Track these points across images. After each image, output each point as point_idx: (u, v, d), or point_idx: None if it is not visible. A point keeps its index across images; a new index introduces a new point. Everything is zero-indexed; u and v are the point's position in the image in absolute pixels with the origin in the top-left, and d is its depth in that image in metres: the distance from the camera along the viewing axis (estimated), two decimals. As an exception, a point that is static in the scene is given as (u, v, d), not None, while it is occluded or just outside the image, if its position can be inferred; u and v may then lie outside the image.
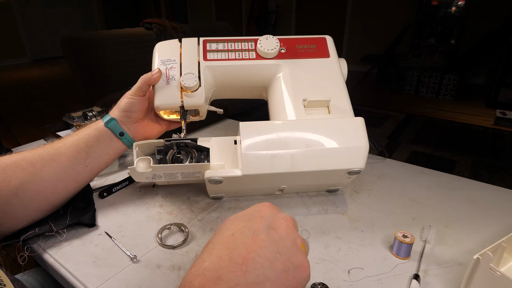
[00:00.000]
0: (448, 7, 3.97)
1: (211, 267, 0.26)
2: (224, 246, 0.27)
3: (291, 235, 0.30)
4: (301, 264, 0.28)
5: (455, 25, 3.95)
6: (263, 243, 0.28)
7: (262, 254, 0.27)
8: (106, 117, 0.54)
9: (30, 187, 0.45)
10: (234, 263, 0.26)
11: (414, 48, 4.19)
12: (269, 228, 0.29)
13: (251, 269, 0.26)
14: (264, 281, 0.26)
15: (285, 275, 0.27)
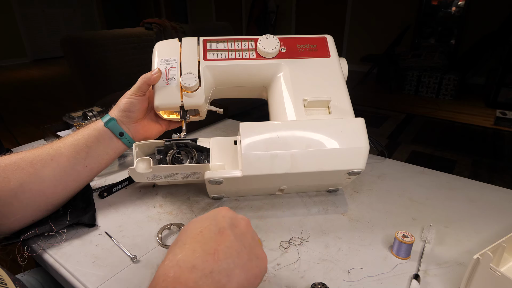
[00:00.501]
0: (448, 7, 3.97)
1: (185, 259, 0.28)
2: (195, 240, 0.30)
3: (250, 232, 0.34)
4: (260, 255, 0.33)
5: (455, 25, 3.95)
6: (229, 237, 0.31)
7: (230, 246, 0.31)
8: (106, 117, 0.54)
9: (30, 187, 0.45)
10: (207, 253, 0.29)
11: (414, 48, 4.19)
12: (232, 226, 0.33)
13: (222, 258, 0.29)
14: (234, 268, 0.29)
15: (250, 264, 0.31)
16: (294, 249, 0.48)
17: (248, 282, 0.30)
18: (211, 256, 0.29)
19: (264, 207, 0.58)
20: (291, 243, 0.50)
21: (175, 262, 0.28)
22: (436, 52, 3.90)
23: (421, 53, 3.97)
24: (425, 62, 3.85)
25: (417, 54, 3.96)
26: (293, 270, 0.45)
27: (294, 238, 0.51)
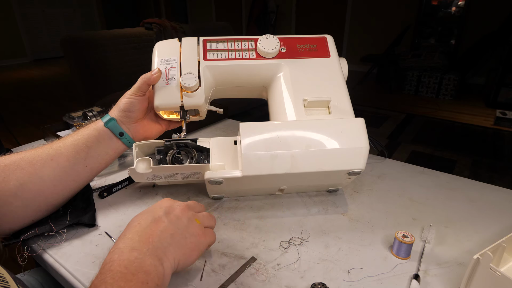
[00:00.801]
0: (448, 7, 3.97)
1: (126, 246, 0.33)
2: (133, 231, 0.36)
3: (186, 214, 0.40)
4: (196, 233, 0.39)
5: (455, 25, 3.95)
6: (164, 224, 0.37)
7: (164, 230, 0.36)
8: (106, 117, 0.54)
9: (29, 187, 0.45)
10: (143, 238, 0.34)
11: (414, 48, 4.19)
12: (167, 213, 0.39)
13: (156, 240, 0.35)
14: (168, 246, 0.35)
15: (184, 241, 0.37)
16: (294, 249, 0.48)
17: (184, 256, 0.37)
18: (146, 240, 0.34)
19: (264, 207, 0.58)
20: (291, 243, 0.50)
21: (117, 250, 0.33)
22: (436, 52, 3.90)
23: (421, 53, 3.97)
24: (425, 62, 3.85)
25: (417, 54, 3.96)
26: (293, 270, 0.45)
27: (294, 238, 0.51)
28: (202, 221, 0.43)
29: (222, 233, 0.52)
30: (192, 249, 0.38)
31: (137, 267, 0.31)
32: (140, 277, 0.30)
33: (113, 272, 0.30)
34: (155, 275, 0.31)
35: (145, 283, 0.30)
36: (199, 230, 0.40)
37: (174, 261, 0.36)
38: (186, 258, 0.38)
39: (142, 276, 0.30)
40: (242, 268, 0.45)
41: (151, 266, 0.32)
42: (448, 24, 3.99)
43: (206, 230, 0.42)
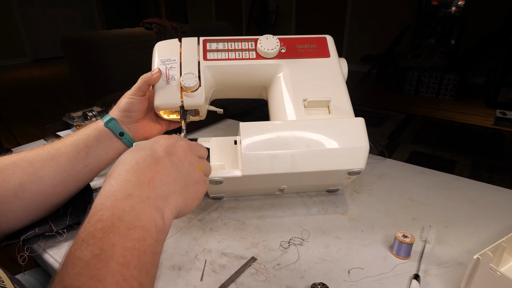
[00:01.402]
0: (448, 7, 3.97)
1: (121, 189, 0.28)
2: (130, 172, 0.30)
3: (188, 158, 0.35)
4: (198, 180, 0.35)
5: (455, 25, 3.95)
6: (165, 166, 0.32)
7: (166, 174, 0.32)
8: (106, 117, 0.54)
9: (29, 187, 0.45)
10: (142, 182, 0.29)
11: (414, 48, 4.19)
12: (169, 154, 0.34)
13: (157, 186, 0.30)
14: (170, 194, 0.31)
15: (187, 189, 0.33)
16: (294, 249, 0.48)
17: (186, 205, 0.33)
18: (146, 184, 0.29)
19: (264, 207, 0.58)
20: (291, 243, 0.50)
21: (111, 193, 0.28)
22: (436, 52, 3.90)
23: (421, 53, 3.97)
24: (425, 62, 3.85)
25: (417, 54, 3.96)
26: (293, 270, 0.45)
27: (294, 238, 0.51)
28: (204, 168, 0.39)
29: (222, 233, 0.52)
30: (193, 198, 0.35)
31: (134, 220, 0.26)
32: (136, 233, 0.26)
33: (104, 223, 0.25)
34: (154, 230, 0.27)
35: (141, 240, 0.26)
36: (200, 178, 0.36)
37: (176, 210, 0.32)
38: (187, 208, 0.34)
39: (139, 232, 0.26)
40: (242, 268, 0.45)
41: (150, 220, 0.27)
42: (448, 24, 3.99)
43: (205, 179, 0.38)
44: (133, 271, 0.24)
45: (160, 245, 0.28)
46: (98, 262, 0.23)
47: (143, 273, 0.25)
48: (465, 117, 3.15)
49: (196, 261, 0.46)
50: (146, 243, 0.26)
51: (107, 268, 0.23)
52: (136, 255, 0.25)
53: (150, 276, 0.26)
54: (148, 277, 0.25)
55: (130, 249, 0.25)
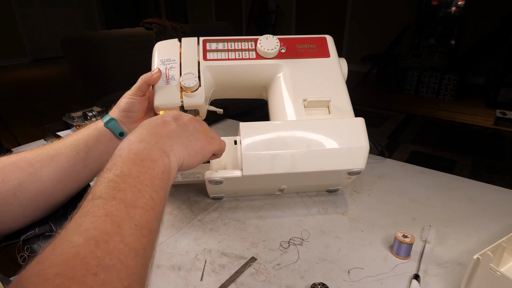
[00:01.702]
0: (448, 7, 3.97)
1: (135, 138, 0.36)
2: (143, 128, 0.38)
3: (193, 124, 0.42)
4: (201, 138, 0.42)
5: (455, 25, 3.95)
6: (171, 126, 0.40)
7: (171, 130, 0.39)
8: (106, 117, 0.54)
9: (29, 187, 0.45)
10: (151, 133, 0.37)
11: (414, 48, 4.19)
12: (175, 119, 0.41)
13: (163, 137, 0.37)
14: (174, 144, 0.38)
15: (189, 143, 0.40)
16: (294, 249, 0.48)
17: (188, 155, 0.39)
18: (154, 135, 0.37)
19: (264, 207, 0.58)
20: (291, 243, 0.50)
21: (128, 140, 0.36)
22: (436, 52, 3.90)
23: (421, 53, 3.97)
24: (425, 62, 3.85)
25: (417, 54, 3.96)
26: (293, 270, 0.45)
27: (294, 238, 0.51)
28: (209, 132, 0.45)
29: (222, 233, 0.52)
30: (197, 151, 0.41)
31: (145, 155, 0.34)
32: (147, 163, 0.33)
33: (122, 157, 0.33)
34: (161, 163, 0.34)
35: (151, 168, 0.33)
36: (204, 138, 0.43)
37: (180, 158, 0.38)
38: (190, 159, 0.40)
39: (149, 163, 0.33)
40: (242, 268, 0.45)
41: (158, 156, 0.34)
42: (448, 24, 3.99)
43: (213, 139, 0.44)
44: (146, 187, 0.31)
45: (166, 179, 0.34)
46: (119, 179, 0.30)
47: (154, 191, 0.31)
48: (465, 117, 3.15)
49: (196, 261, 0.46)
50: (155, 171, 0.33)
51: (126, 183, 0.30)
52: (148, 177, 0.32)
53: (159, 197, 0.32)
54: (158, 196, 0.32)
55: (142, 172, 0.32)
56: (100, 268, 0.23)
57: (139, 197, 0.30)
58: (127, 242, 0.26)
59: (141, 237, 0.28)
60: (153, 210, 0.30)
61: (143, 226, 0.28)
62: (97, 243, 0.24)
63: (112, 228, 0.26)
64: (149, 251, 0.29)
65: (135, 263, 0.26)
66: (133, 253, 0.26)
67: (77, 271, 0.22)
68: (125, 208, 0.28)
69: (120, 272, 0.24)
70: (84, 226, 0.26)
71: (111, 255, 0.24)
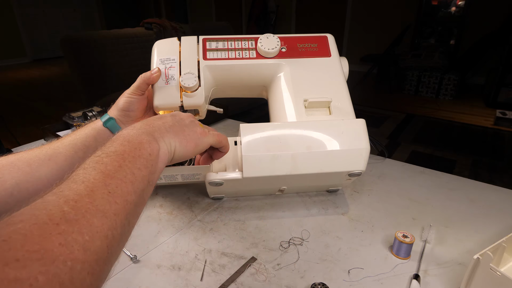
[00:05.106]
0: (448, 7, 3.97)
1: (128, 127, 0.38)
2: (138, 122, 0.40)
3: (190, 118, 0.44)
4: (196, 129, 0.43)
5: (455, 25, 3.95)
6: (166, 119, 0.41)
7: (165, 121, 0.41)
8: (105, 117, 0.54)
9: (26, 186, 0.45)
10: (145, 124, 0.39)
11: (414, 48, 4.19)
12: (173, 115, 0.43)
13: (156, 126, 0.39)
14: (165, 132, 0.39)
15: (182, 132, 0.41)
16: (294, 249, 0.48)
17: (180, 144, 0.40)
18: (147, 124, 0.39)
19: (264, 207, 0.58)
20: (291, 243, 0.50)
21: (120, 131, 0.37)
22: (436, 52, 3.89)
23: (421, 53, 3.96)
24: (425, 62, 3.85)
25: (417, 54, 3.96)
26: (293, 270, 0.45)
27: (294, 238, 0.51)
28: (206, 127, 0.46)
29: (222, 233, 0.52)
30: (189, 140, 0.41)
31: (134, 138, 0.36)
32: (133, 144, 0.35)
33: (113, 140, 0.35)
34: (147, 146, 0.35)
35: (137, 149, 0.34)
36: (199, 129, 0.43)
37: (170, 145, 0.39)
38: (182, 147, 0.40)
39: (136, 144, 0.35)
40: (242, 268, 0.45)
41: (145, 140, 0.36)
42: (448, 24, 3.99)
43: (210, 132, 0.45)
44: (128, 163, 0.32)
45: (153, 161, 0.36)
46: (104, 154, 0.32)
47: (136, 167, 0.33)
48: (465, 117, 3.15)
49: (196, 261, 0.46)
50: (141, 151, 0.34)
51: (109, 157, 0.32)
52: (132, 155, 0.33)
53: (141, 174, 0.33)
54: (140, 173, 0.33)
55: (127, 151, 0.33)
56: (63, 220, 0.24)
57: (118, 170, 0.31)
58: (96, 204, 0.27)
59: (113, 203, 0.29)
60: (131, 184, 0.32)
61: (117, 194, 0.30)
62: (67, 201, 0.26)
63: (84, 191, 0.28)
64: (121, 218, 0.29)
65: (101, 224, 0.27)
66: (101, 214, 0.27)
67: (40, 219, 0.24)
68: (103, 178, 0.30)
69: (82, 227, 0.25)
70: (61, 189, 0.28)
71: (76, 211, 0.26)
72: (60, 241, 0.23)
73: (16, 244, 0.22)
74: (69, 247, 0.24)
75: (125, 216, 0.30)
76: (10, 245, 0.21)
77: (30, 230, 0.23)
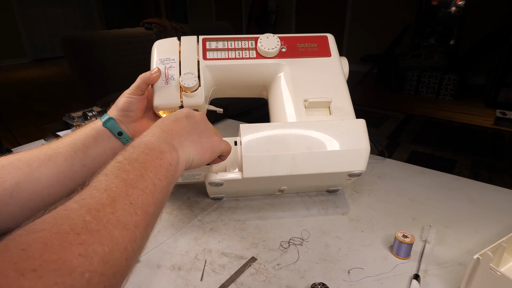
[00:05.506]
0: (448, 7, 3.97)
1: (147, 134, 0.38)
2: (156, 126, 0.40)
3: (203, 121, 0.44)
4: (211, 137, 0.43)
5: (455, 25, 3.95)
6: (183, 124, 0.41)
7: (183, 128, 0.41)
8: (104, 117, 0.54)
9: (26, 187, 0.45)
10: (164, 131, 0.39)
11: (414, 48, 4.19)
12: (187, 116, 0.43)
13: (175, 134, 0.39)
14: (184, 141, 0.40)
15: (199, 140, 0.41)
16: (294, 249, 0.48)
17: (198, 152, 0.41)
18: (166, 132, 0.39)
19: (264, 207, 0.58)
20: (291, 243, 0.50)
21: (141, 136, 0.38)
22: (436, 52, 3.89)
23: (421, 53, 3.97)
24: (425, 62, 3.85)
25: (417, 54, 3.96)
26: (293, 270, 0.45)
27: (294, 238, 0.51)
28: (218, 133, 0.47)
29: (222, 233, 0.52)
30: (206, 149, 0.42)
31: (155, 146, 0.36)
32: (155, 153, 0.35)
33: (134, 146, 0.35)
34: (169, 155, 0.36)
35: (159, 158, 0.35)
36: (213, 135, 0.44)
37: (189, 155, 0.40)
38: (200, 156, 0.41)
39: (157, 153, 0.35)
40: (242, 268, 0.45)
41: (167, 149, 0.36)
42: (448, 24, 3.99)
43: (222, 139, 0.46)
44: (149, 173, 0.32)
45: (172, 171, 0.36)
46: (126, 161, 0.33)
47: (157, 178, 0.33)
48: (465, 117, 3.15)
49: (196, 261, 0.46)
50: (162, 161, 0.35)
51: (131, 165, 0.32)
52: (153, 165, 0.33)
53: (161, 185, 0.33)
54: (160, 183, 0.33)
55: (149, 160, 0.34)
56: (85, 229, 0.24)
57: (140, 180, 0.31)
58: (117, 215, 0.27)
59: (134, 214, 0.28)
60: (152, 195, 0.31)
61: (137, 206, 0.29)
62: (89, 210, 0.26)
63: (106, 201, 0.27)
64: (141, 230, 0.29)
65: (121, 235, 0.26)
66: (122, 226, 0.27)
67: (62, 228, 0.23)
68: (124, 187, 0.30)
69: (103, 238, 0.25)
70: (83, 196, 0.28)
71: (98, 221, 0.25)
72: (80, 251, 0.23)
73: (35, 253, 0.21)
74: (89, 258, 0.23)
75: (145, 228, 0.30)
76: (29, 254, 0.21)
77: (50, 239, 0.22)
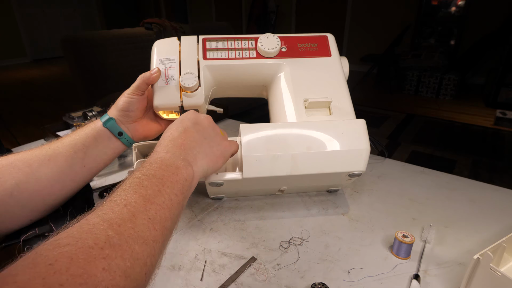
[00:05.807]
0: (448, 7, 3.97)
1: (161, 150, 0.39)
2: (167, 141, 0.41)
3: (211, 126, 0.46)
4: (221, 142, 0.45)
5: (455, 25, 3.95)
6: (192, 135, 0.42)
7: (193, 139, 0.42)
8: (104, 117, 0.54)
9: (26, 187, 0.45)
10: (175, 146, 0.40)
11: (414, 48, 4.19)
12: (195, 124, 0.44)
13: (187, 148, 0.40)
14: (197, 154, 0.41)
15: (211, 150, 0.43)
16: (294, 249, 0.48)
17: (211, 161, 0.43)
18: (178, 147, 0.40)
19: (264, 207, 0.58)
20: (291, 243, 0.50)
21: (155, 153, 0.39)
22: (436, 52, 3.90)
23: (421, 53, 3.97)
24: (425, 62, 3.85)
25: (417, 54, 3.96)
26: (293, 270, 0.45)
27: (294, 238, 0.51)
28: (225, 134, 0.49)
29: (222, 233, 0.52)
30: (218, 156, 0.44)
31: (171, 162, 0.37)
32: (171, 169, 0.36)
33: (151, 162, 0.37)
34: (184, 171, 0.37)
35: (175, 174, 0.36)
36: (223, 140, 0.46)
37: (203, 167, 0.41)
38: (213, 165, 0.43)
39: (173, 169, 0.36)
40: (242, 268, 0.45)
41: (182, 165, 0.38)
42: (448, 24, 3.98)
43: (230, 140, 0.48)
44: (166, 188, 0.34)
45: (188, 186, 0.37)
46: (144, 177, 0.34)
47: (173, 193, 0.34)
48: (465, 117, 3.15)
49: (196, 261, 0.46)
50: (178, 177, 0.36)
51: (149, 181, 0.33)
52: (170, 181, 0.35)
53: (177, 199, 0.34)
54: (176, 198, 0.34)
55: (166, 176, 0.35)
56: (107, 244, 0.25)
57: (158, 195, 0.32)
58: (137, 230, 0.28)
59: (152, 229, 0.29)
60: (169, 210, 0.32)
61: (156, 221, 0.30)
62: (111, 225, 0.27)
63: (127, 216, 0.28)
64: (159, 245, 0.30)
65: (141, 250, 0.27)
66: (142, 241, 0.28)
67: (86, 243, 0.24)
68: (143, 202, 0.31)
69: (125, 253, 0.26)
70: (104, 211, 0.29)
71: (120, 236, 0.26)
72: (104, 265, 0.24)
73: (62, 268, 0.22)
74: (112, 272, 0.24)
75: (162, 242, 0.31)
76: (56, 269, 0.22)
77: (76, 253, 0.23)
